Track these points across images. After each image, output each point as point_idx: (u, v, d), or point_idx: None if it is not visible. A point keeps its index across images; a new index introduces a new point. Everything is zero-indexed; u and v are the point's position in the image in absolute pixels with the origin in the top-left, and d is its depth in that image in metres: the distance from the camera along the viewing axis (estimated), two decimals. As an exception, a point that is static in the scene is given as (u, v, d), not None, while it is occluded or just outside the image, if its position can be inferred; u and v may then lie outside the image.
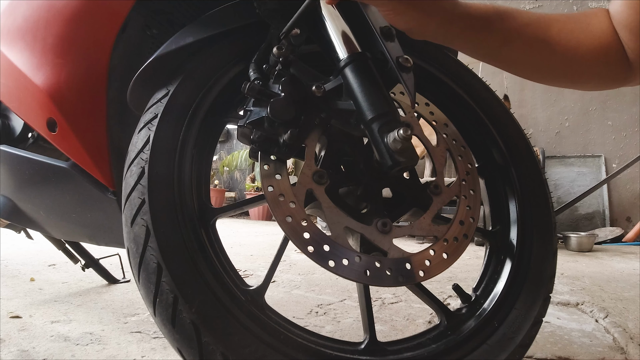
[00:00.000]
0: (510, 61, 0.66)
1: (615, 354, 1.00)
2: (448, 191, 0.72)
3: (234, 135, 6.15)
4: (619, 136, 4.06)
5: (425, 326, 1.17)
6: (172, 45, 0.70)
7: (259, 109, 0.61)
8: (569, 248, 3.07)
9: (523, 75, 0.69)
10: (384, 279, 0.60)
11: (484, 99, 0.89)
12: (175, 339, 0.56)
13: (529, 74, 0.69)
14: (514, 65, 0.67)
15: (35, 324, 1.10)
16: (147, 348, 0.96)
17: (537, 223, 0.79)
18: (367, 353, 0.64)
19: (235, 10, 0.75)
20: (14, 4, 0.99)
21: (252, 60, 0.71)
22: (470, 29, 0.62)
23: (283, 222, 0.59)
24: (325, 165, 0.73)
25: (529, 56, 0.64)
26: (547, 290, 0.75)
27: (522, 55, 0.64)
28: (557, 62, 0.63)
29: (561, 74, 0.65)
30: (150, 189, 0.61)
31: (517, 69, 0.68)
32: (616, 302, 1.47)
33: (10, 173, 1.04)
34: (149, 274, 0.57)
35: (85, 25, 0.85)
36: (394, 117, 0.59)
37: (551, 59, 0.63)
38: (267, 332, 0.58)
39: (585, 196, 3.13)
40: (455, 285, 0.77)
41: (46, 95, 0.84)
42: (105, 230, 1.00)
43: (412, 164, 0.58)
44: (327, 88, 0.62)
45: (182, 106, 0.69)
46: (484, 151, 0.87)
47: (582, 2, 4.14)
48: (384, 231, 0.63)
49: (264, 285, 0.64)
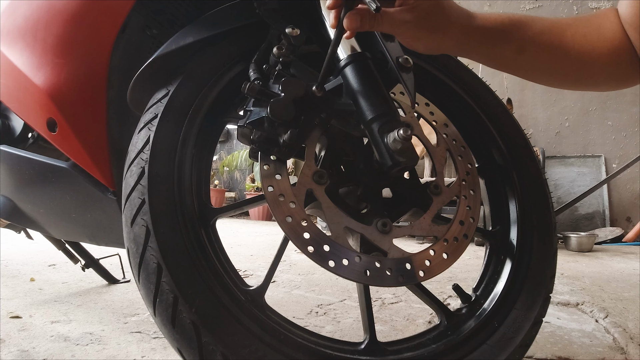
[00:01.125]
0: (526, 69, 0.67)
1: (615, 354, 1.00)
2: (448, 191, 0.72)
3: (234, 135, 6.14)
4: (619, 136, 4.06)
5: (425, 326, 1.17)
6: (172, 46, 0.70)
7: (259, 109, 0.61)
8: (569, 248, 3.07)
9: (538, 81, 0.69)
10: (384, 279, 0.60)
11: (484, 99, 0.89)
12: (175, 339, 0.56)
13: (544, 79, 0.69)
14: (530, 72, 0.67)
15: (35, 324, 1.10)
16: (147, 348, 0.96)
17: (537, 223, 0.79)
18: (367, 353, 0.64)
19: (235, 11, 0.75)
20: (14, 4, 0.99)
21: (252, 61, 0.71)
22: (486, 41, 0.62)
23: (283, 222, 0.59)
24: (325, 165, 0.73)
25: (544, 62, 0.64)
26: (547, 290, 0.75)
27: (538, 62, 0.64)
28: (571, 66, 0.63)
29: (576, 78, 0.66)
30: (151, 189, 0.61)
31: (533, 75, 0.68)
32: (616, 302, 1.47)
33: (10, 173, 1.04)
34: (149, 274, 0.57)
35: (85, 25, 0.85)
36: (394, 117, 0.59)
37: (566, 64, 0.63)
38: (267, 332, 0.58)
39: (585, 196, 3.13)
40: (455, 286, 0.77)
41: (46, 95, 0.84)
42: (106, 230, 1.00)
43: (412, 164, 0.58)
44: (327, 88, 0.62)
45: (182, 106, 0.69)
46: (484, 151, 0.87)
47: (582, 2, 4.14)
48: (384, 231, 0.63)
49: (264, 285, 0.64)
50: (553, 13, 4.22)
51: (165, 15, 0.89)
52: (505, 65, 0.66)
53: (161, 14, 0.89)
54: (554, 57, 0.63)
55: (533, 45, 0.63)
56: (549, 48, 0.63)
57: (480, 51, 0.64)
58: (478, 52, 0.64)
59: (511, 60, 0.65)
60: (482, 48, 0.63)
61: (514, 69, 0.67)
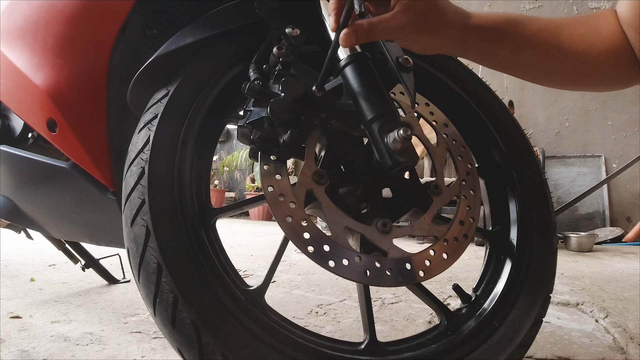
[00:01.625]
0: (523, 68, 0.66)
1: (615, 354, 1.00)
2: (448, 191, 0.72)
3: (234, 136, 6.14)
4: (619, 136, 4.06)
5: (425, 326, 1.17)
6: (172, 46, 0.69)
7: (259, 109, 0.61)
8: (569, 248, 3.07)
9: (536, 81, 0.69)
10: (384, 279, 0.60)
11: (484, 99, 0.89)
12: (176, 339, 0.56)
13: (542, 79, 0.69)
14: (528, 71, 0.67)
15: (35, 324, 1.10)
16: (147, 348, 0.96)
17: (537, 223, 0.79)
18: (367, 353, 0.64)
19: (235, 11, 0.75)
20: (14, 4, 0.99)
21: (252, 61, 0.71)
22: (483, 40, 0.62)
23: (283, 222, 0.59)
24: (325, 165, 0.73)
25: (541, 62, 0.64)
26: (547, 290, 0.75)
27: (535, 61, 0.64)
28: (569, 65, 0.63)
29: (573, 77, 0.66)
30: (151, 189, 0.61)
31: (531, 74, 0.68)
32: (616, 302, 1.47)
33: (10, 173, 1.04)
34: (149, 274, 0.57)
35: (85, 25, 0.85)
36: (394, 117, 0.59)
37: (563, 63, 0.63)
38: (267, 332, 0.58)
39: (585, 196, 3.13)
40: (455, 286, 0.77)
41: (46, 95, 0.84)
42: (106, 231, 1.00)
43: (412, 164, 0.58)
44: (327, 88, 0.62)
45: (182, 106, 0.69)
46: (484, 151, 0.87)
47: (582, 2, 4.14)
48: (384, 231, 0.63)
49: (264, 285, 0.64)
50: (553, 13, 4.22)
51: (165, 15, 0.89)
52: (503, 65, 0.66)
53: (161, 14, 0.89)
54: (551, 56, 0.63)
55: (530, 44, 0.63)
56: (546, 47, 0.63)
57: (477, 50, 0.64)
58: (475, 51, 0.64)
59: (508, 59, 0.65)
60: (479, 47, 0.63)
61: (511, 68, 0.67)
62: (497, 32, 0.62)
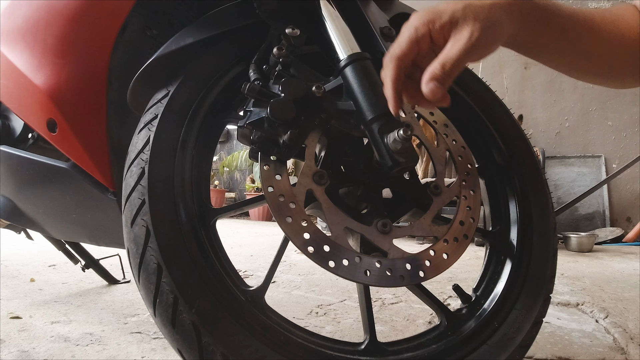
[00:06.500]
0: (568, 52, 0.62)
1: (616, 354, 1.00)
2: (448, 191, 0.72)
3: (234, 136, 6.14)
4: (619, 136, 4.06)
5: (425, 326, 1.17)
6: (172, 46, 0.69)
7: (259, 110, 0.61)
8: (569, 248, 3.07)
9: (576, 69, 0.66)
10: (384, 279, 0.60)
11: (484, 99, 0.89)
12: (176, 339, 0.56)
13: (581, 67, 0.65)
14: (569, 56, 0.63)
15: (35, 325, 1.10)
16: (147, 348, 0.96)
17: (537, 223, 0.79)
18: (367, 353, 0.64)
19: (235, 11, 0.75)
20: (14, 4, 0.99)
21: (252, 61, 0.71)
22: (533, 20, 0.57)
23: (283, 222, 0.59)
24: (325, 166, 0.72)
25: (583, 46, 0.61)
26: (548, 290, 0.75)
27: (578, 43, 0.61)
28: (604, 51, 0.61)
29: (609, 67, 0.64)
30: (151, 189, 0.61)
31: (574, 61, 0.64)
32: (616, 303, 1.47)
33: (10, 173, 1.04)
34: (149, 275, 0.57)
35: (85, 25, 0.85)
36: (394, 117, 0.59)
37: (600, 49, 0.61)
38: (268, 333, 0.58)
39: (585, 196, 3.13)
40: (455, 286, 0.77)
41: (46, 95, 0.84)
42: (106, 231, 1.00)
43: (412, 164, 0.58)
44: (327, 88, 0.62)
45: (182, 107, 0.69)
46: (484, 151, 0.87)
47: (582, 2, 4.14)
48: (384, 231, 0.63)
49: (264, 285, 0.64)
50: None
51: (165, 16, 0.89)
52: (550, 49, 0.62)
53: (161, 14, 0.89)
54: (589, 40, 0.61)
55: (571, 24, 0.59)
56: (585, 30, 0.60)
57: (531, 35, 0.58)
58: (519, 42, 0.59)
59: (556, 42, 0.60)
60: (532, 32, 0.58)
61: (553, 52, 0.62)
62: (542, 11, 0.58)
